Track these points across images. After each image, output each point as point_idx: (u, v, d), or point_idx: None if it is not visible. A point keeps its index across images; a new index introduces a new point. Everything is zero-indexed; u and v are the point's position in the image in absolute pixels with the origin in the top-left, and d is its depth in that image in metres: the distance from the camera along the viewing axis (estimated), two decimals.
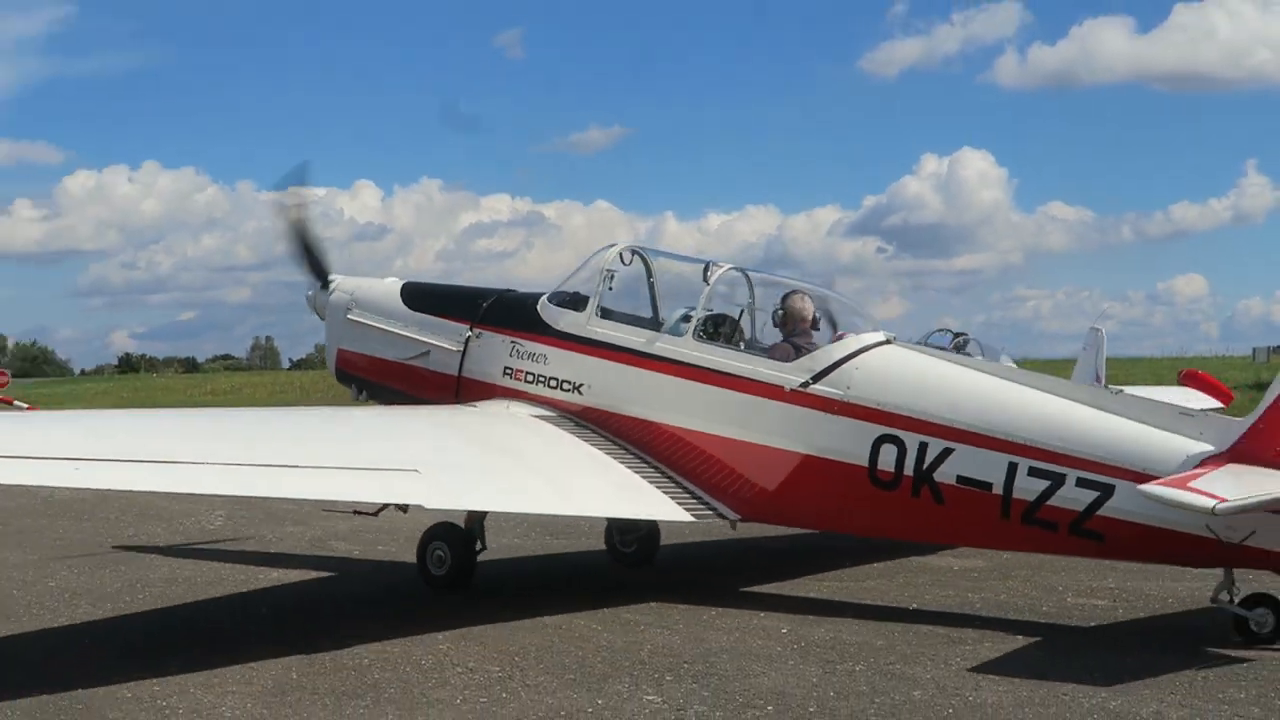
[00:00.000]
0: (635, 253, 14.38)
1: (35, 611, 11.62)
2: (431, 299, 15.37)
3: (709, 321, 13.33)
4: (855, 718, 8.06)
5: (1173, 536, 10.19)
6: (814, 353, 12.55)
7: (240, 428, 13.19)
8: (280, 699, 8.59)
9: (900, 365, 12.44)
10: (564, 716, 8.11)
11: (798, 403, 12.31)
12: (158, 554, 15.57)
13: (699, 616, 11.20)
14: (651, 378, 13.30)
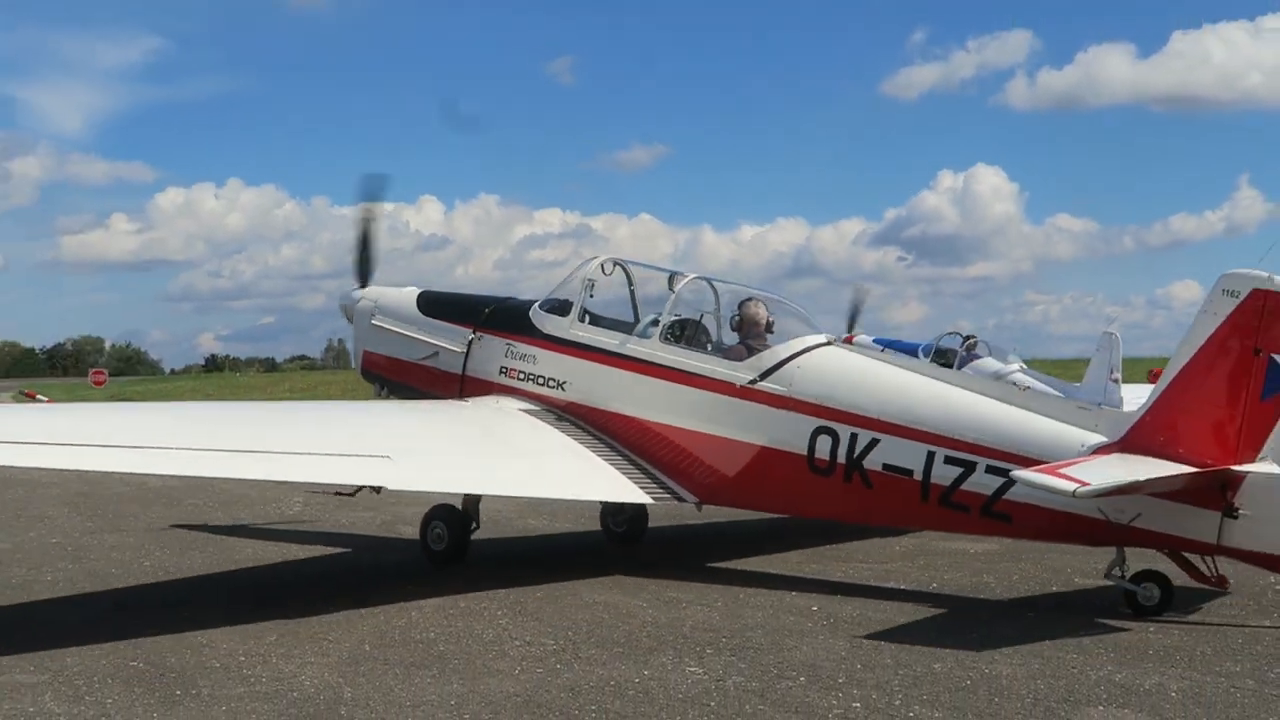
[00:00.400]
0: (615, 264, 14.81)
1: (149, 585, 11.74)
2: (441, 306, 15.81)
3: (675, 325, 13.72)
4: (881, 688, 8.06)
5: (1071, 518, 10.54)
6: (762, 353, 12.90)
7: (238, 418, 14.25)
8: (355, 669, 8.65)
9: (836, 364, 12.82)
10: (614, 687, 8.13)
11: (746, 398, 12.72)
12: (242, 537, 15.68)
13: (735, 595, 11.21)
14: (623, 376, 13.73)
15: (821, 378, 12.48)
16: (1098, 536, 10.74)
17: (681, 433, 13.18)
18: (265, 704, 7.78)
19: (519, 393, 14.34)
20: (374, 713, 7.56)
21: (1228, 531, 10.01)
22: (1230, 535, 10.01)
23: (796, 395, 12.38)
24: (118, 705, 7.79)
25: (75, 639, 9.62)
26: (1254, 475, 9.88)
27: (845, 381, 12.39)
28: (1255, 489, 9.89)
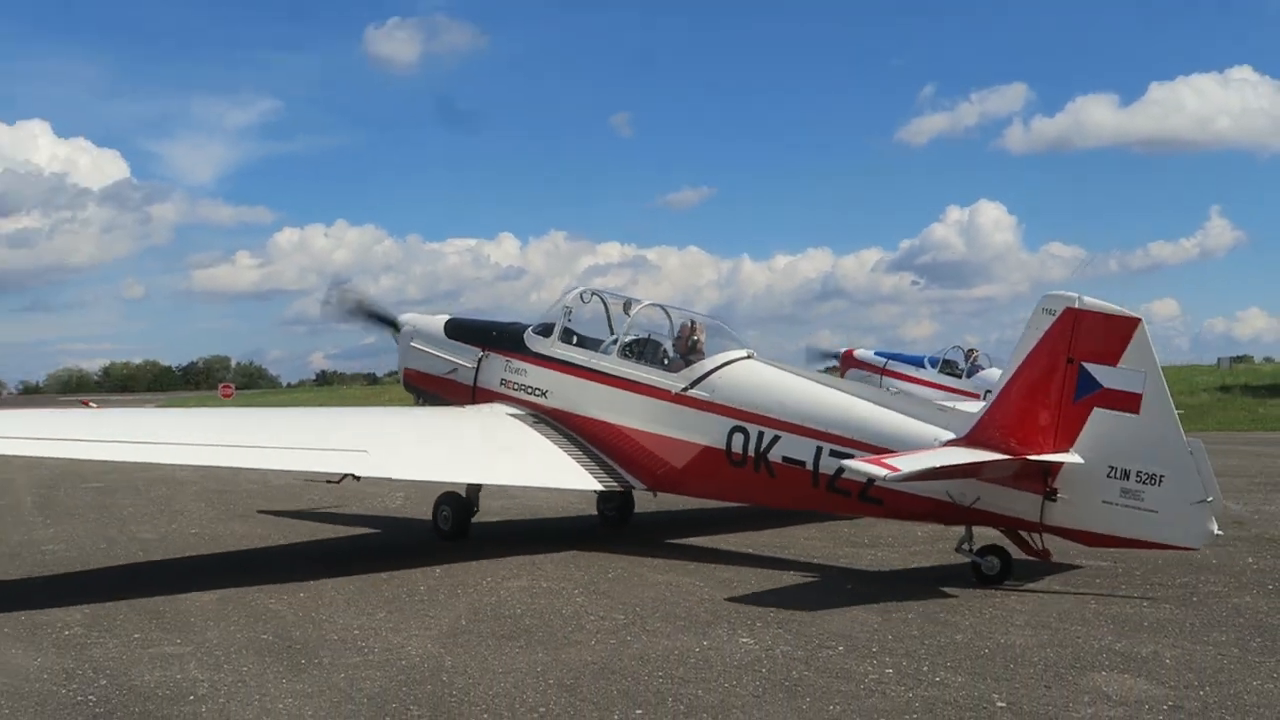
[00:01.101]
0: (593, 293, 15.40)
1: (275, 568, 11.81)
2: (460, 330, 16.34)
3: (632, 344, 14.36)
4: (909, 656, 8.00)
5: (928, 501, 11.01)
6: (694, 365, 13.50)
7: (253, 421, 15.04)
8: (454, 640, 8.66)
9: (748, 374, 13.27)
10: (677, 655, 8.10)
11: (680, 403, 13.35)
12: (354, 526, 15.79)
13: (779, 577, 11.16)
14: (590, 385, 14.34)
15: (736, 385, 13.05)
16: (948, 516, 11.15)
17: (634, 432, 13.82)
18: (378, 671, 7.80)
19: (514, 400, 14.99)
20: (471, 679, 7.56)
21: (1049, 512, 10.45)
22: (1051, 515, 10.46)
23: (717, 400, 13.03)
24: (251, 672, 7.83)
25: (213, 616, 9.71)
26: (1068, 465, 10.22)
27: (755, 388, 12.93)
28: (1069, 476, 10.27)
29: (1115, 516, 10.12)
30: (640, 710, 6.83)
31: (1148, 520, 9.96)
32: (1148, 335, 10.09)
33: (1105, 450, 10.14)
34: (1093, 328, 10.24)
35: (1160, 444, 9.96)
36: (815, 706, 6.86)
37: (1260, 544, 12.82)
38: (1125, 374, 10.08)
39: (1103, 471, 10.13)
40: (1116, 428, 10.10)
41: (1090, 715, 6.62)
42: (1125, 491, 10.03)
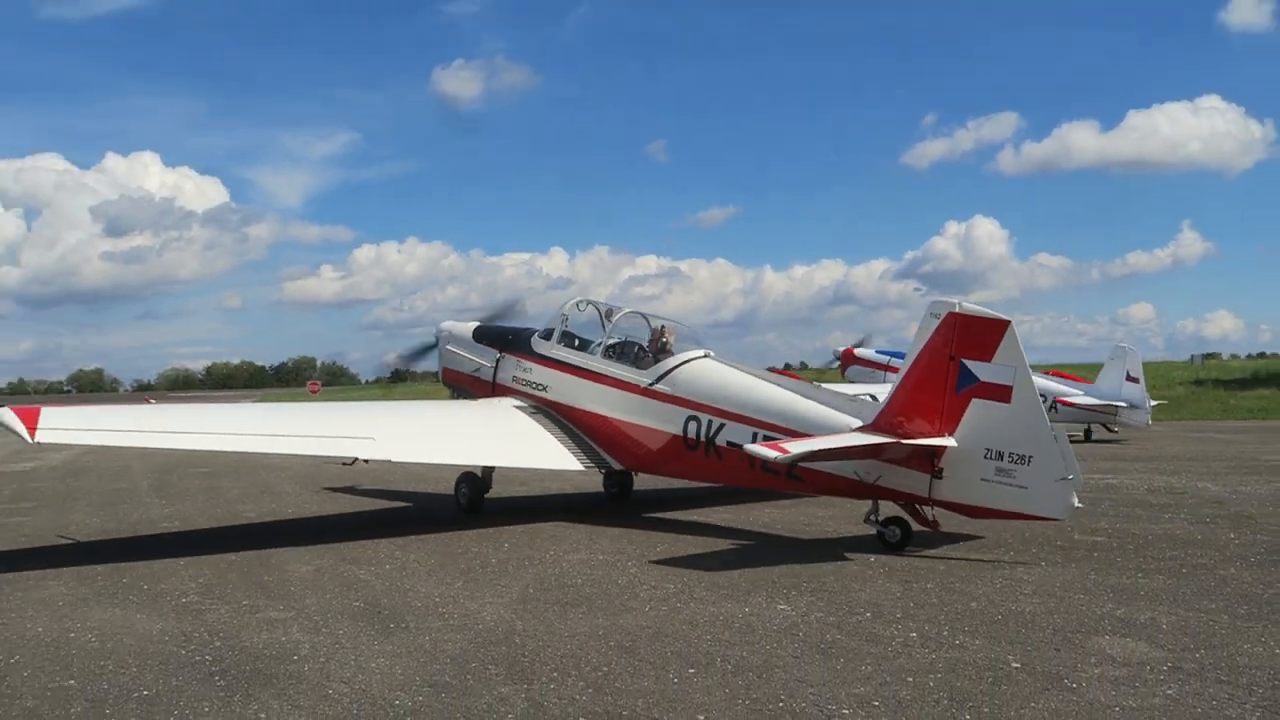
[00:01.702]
0: (588, 302, 15.85)
1: (363, 544, 11.84)
2: (485, 335, 16.87)
3: (613, 345, 14.77)
4: (930, 621, 7.88)
5: (841, 479, 11.37)
6: (660, 363, 13.95)
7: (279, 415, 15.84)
8: (523, 607, 8.62)
9: (702, 371, 13.62)
10: (723, 620, 8.01)
11: (647, 395, 13.83)
12: (426, 503, 15.78)
13: (809, 551, 11.05)
14: (580, 381, 14.79)
15: (691, 380, 13.48)
16: (858, 492, 11.41)
17: (613, 420, 14.24)
18: (457, 634, 7.76)
19: (522, 394, 15.51)
20: (540, 641, 7.51)
21: (936, 488, 10.73)
22: (938, 491, 10.73)
23: (677, 393, 13.48)
24: (347, 635, 7.82)
25: (311, 586, 9.70)
26: (951, 448, 10.50)
27: (706, 383, 13.34)
28: (951, 457, 10.55)
29: (992, 492, 10.40)
30: (692, 670, 6.75)
31: (1019, 495, 10.26)
32: (1017, 336, 10.32)
33: (982, 435, 10.41)
34: (970, 329, 10.51)
35: (1028, 429, 10.22)
36: (849, 667, 6.76)
37: (1240, 521, 12.59)
38: (998, 369, 10.37)
39: (980, 453, 10.40)
40: (991, 415, 10.37)
41: (1097, 675, 6.49)
42: (1000, 470, 10.32)
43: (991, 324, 10.39)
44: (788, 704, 6.05)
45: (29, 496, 18.36)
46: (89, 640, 7.85)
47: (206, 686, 6.62)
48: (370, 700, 6.27)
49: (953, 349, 10.54)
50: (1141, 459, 21.54)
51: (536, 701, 6.18)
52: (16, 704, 6.37)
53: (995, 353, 10.36)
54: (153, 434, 12.57)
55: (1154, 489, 16.08)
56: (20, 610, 8.93)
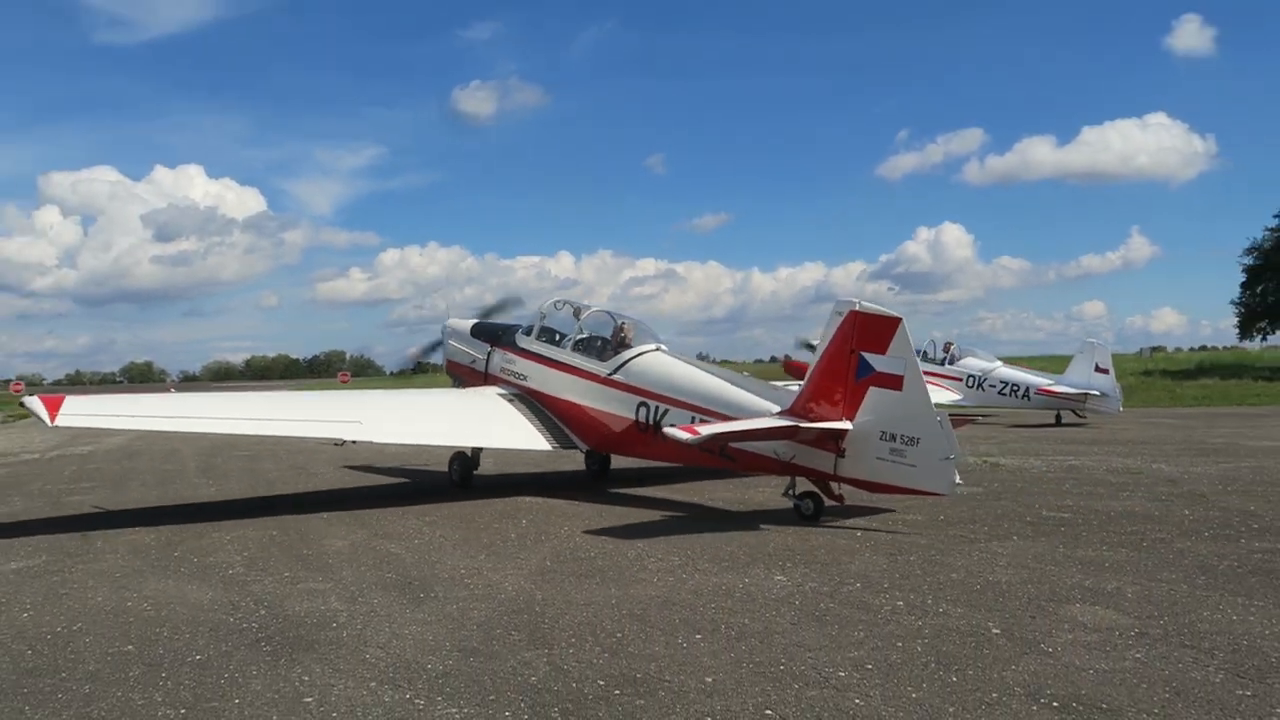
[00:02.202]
0: (565, 302, 16.14)
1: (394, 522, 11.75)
2: (480, 330, 17.16)
3: (581, 340, 15.05)
4: (915, 591, 7.80)
5: (764, 458, 11.69)
6: (618, 355, 14.25)
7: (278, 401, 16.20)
8: (542, 578, 8.53)
9: (652, 362, 13.95)
10: (725, 590, 7.93)
11: (606, 384, 14.18)
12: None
13: (801, 528, 10.92)
14: (551, 371, 15.16)
15: (643, 371, 13.82)
16: (778, 469, 11.69)
17: (578, 406, 14.55)
18: (482, 603, 7.68)
19: (508, 383, 15.88)
20: (558, 609, 7.43)
21: (840, 466, 11.02)
22: (842, 468, 11.03)
23: (630, 382, 13.85)
24: (381, 604, 7.74)
25: (347, 559, 9.62)
26: (852, 431, 10.81)
27: (654, 373, 13.68)
28: (852, 438, 10.84)
29: (887, 469, 10.66)
30: (699, 636, 6.68)
31: (909, 472, 10.50)
32: (907, 332, 10.60)
33: (878, 419, 10.68)
34: (868, 326, 10.79)
35: (917, 414, 10.48)
36: (843, 632, 6.68)
37: (1193, 499, 12.49)
38: (891, 361, 10.65)
39: (877, 435, 10.68)
40: (886, 402, 10.64)
41: (1071, 640, 6.41)
42: (893, 450, 10.58)
43: (886, 321, 10.70)
44: (788, 667, 5.97)
45: (88, 477, 18.27)
46: (145, 609, 7.77)
47: (254, 652, 6.54)
48: (405, 664, 6.19)
49: (854, 343, 10.85)
50: (1100, 442, 21.44)
51: (557, 665, 6.10)
52: (80, 667, 6.30)
53: (889, 346, 10.67)
54: (161, 419, 13.21)
55: (1113, 469, 15.98)
56: (82, 581, 8.86)
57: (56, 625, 7.34)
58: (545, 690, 5.66)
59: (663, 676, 5.85)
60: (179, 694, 5.74)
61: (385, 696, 5.63)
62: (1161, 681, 5.61)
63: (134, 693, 5.78)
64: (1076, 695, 5.41)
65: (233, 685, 5.87)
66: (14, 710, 5.55)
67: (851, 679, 5.74)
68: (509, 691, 5.66)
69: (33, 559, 10.00)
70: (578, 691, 5.63)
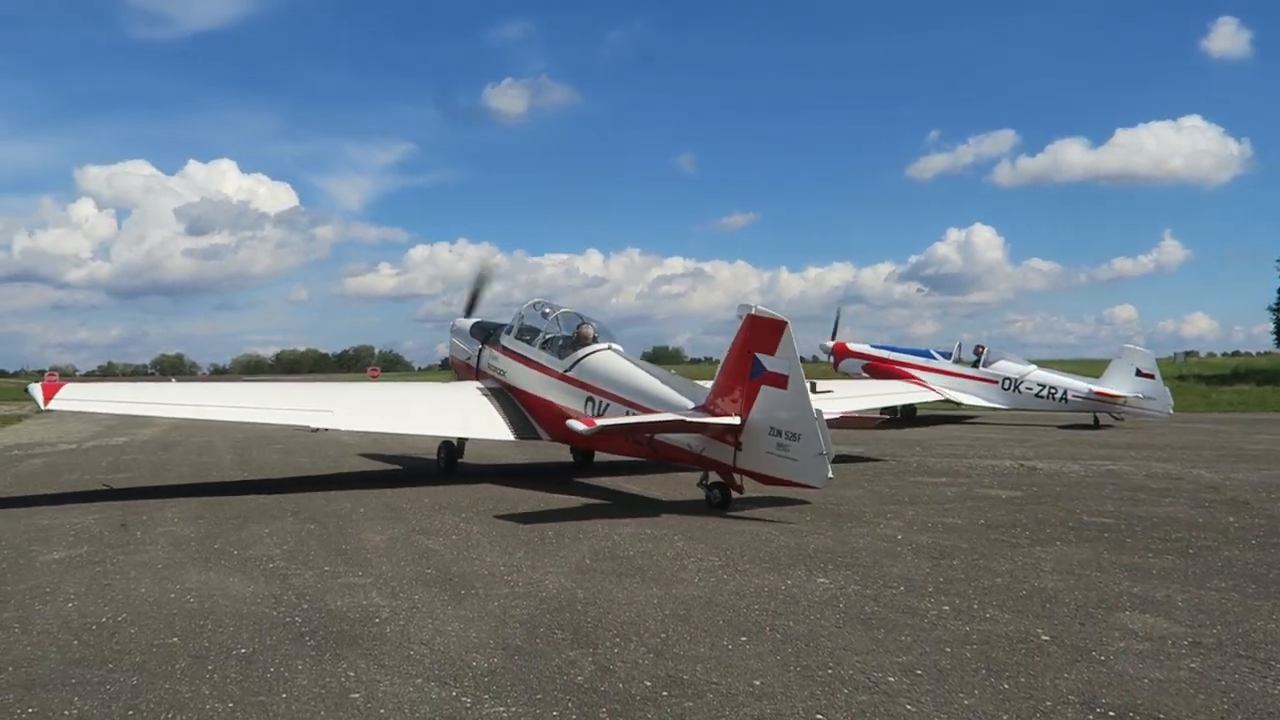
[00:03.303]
0: (541, 303, 17.20)
1: (431, 517, 11.75)
2: (477, 328, 18.50)
3: (549, 339, 16.10)
4: (960, 595, 7.71)
5: (681, 450, 12.53)
6: (574, 354, 15.28)
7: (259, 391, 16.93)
8: (581, 576, 8.49)
9: (599, 360, 14.95)
10: (767, 592, 7.87)
11: (562, 380, 15.27)
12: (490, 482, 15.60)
13: (840, 528, 10.85)
14: (522, 367, 16.38)
15: (592, 369, 14.85)
16: (691, 460, 12.52)
17: (541, 399, 15.67)
18: (523, 600, 7.65)
19: (492, 378, 17.18)
20: (600, 608, 7.39)
21: (738, 459, 11.75)
22: (739, 461, 11.75)
23: (581, 377, 14.92)
24: (423, 599, 7.73)
25: (386, 554, 9.61)
26: (748, 426, 11.57)
27: (601, 370, 14.70)
28: (747, 433, 11.59)
29: (774, 463, 11.39)
30: (744, 638, 6.62)
31: (792, 466, 11.20)
32: (792, 335, 11.26)
33: (768, 415, 11.39)
34: (761, 328, 11.41)
35: (799, 412, 11.12)
36: (890, 637, 6.60)
37: (1236, 506, 12.32)
38: (779, 361, 11.31)
39: (767, 430, 11.40)
40: (775, 400, 11.33)
41: (1123, 649, 6.31)
42: (780, 445, 11.28)
43: (775, 324, 11.33)
44: (836, 671, 5.91)
45: (124, 468, 18.40)
46: (188, 601, 7.79)
47: (298, 646, 6.54)
48: (450, 661, 6.17)
49: (750, 344, 11.53)
50: (1136, 446, 21.21)
51: (603, 665, 6.06)
52: (127, 659, 6.31)
53: (778, 347, 11.32)
54: (151, 405, 14.72)
55: (1152, 474, 15.79)
56: (124, 572, 8.89)
57: (101, 616, 7.37)
58: (592, 690, 5.63)
59: (710, 678, 5.80)
60: (226, 687, 5.74)
61: (432, 694, 5.60)
62: (1219, 692, 5.51)
63: (181, 685, 5.79)
64: (1132, 705, 5.32)
65: (279, 680, 5.87)
66: (63, 701, 5.56)
67: (901, 684, 5.66)
68: (556, 691, 5.63)
69: (75, 549, 10.06)
70: (625, 692, 5.59)
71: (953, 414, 32.52)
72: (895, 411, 30.33)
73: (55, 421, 35.00)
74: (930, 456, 19.13)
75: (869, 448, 20.79)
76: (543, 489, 14.34)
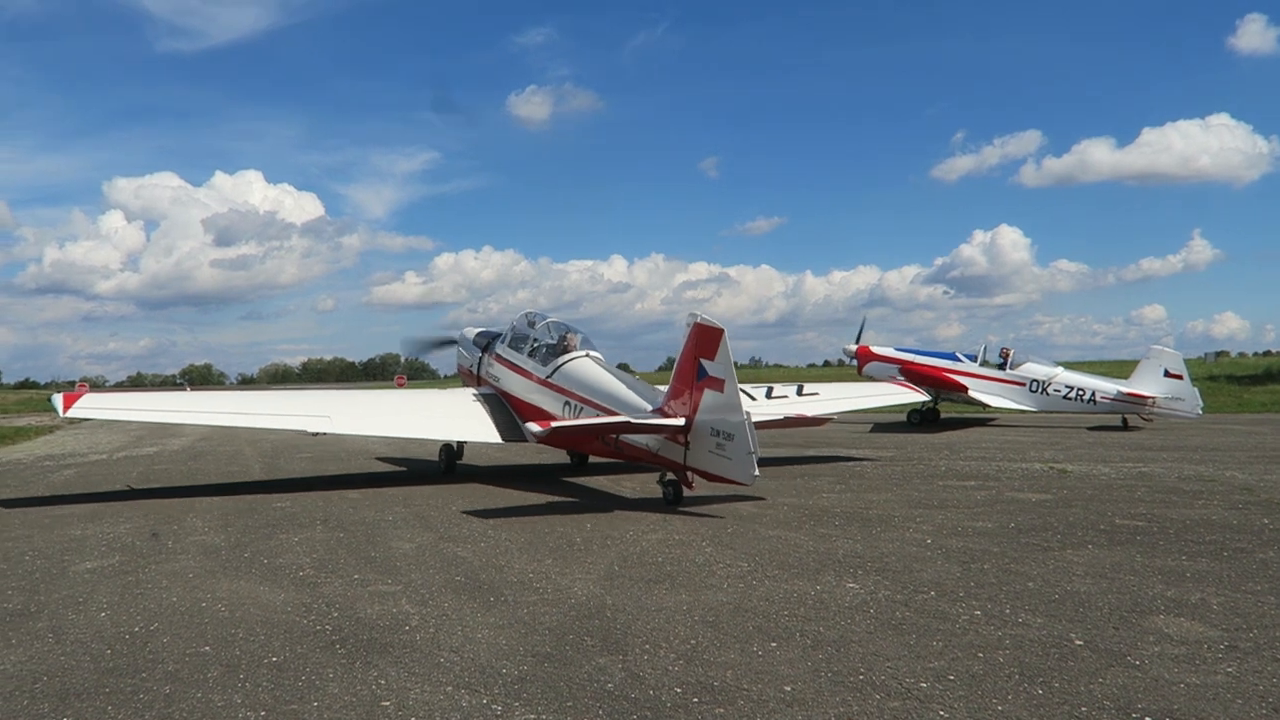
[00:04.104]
0: (532, 314, 18.06)
1: (459, 524, 11.77)
2: (480, 337, 19.54)
3: (536, 347, 17.13)
4: (992, 600, 7.65)
5: (642, 450, 13.39)
6: (554, 360, 16.34)
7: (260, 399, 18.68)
8: (610, 582, 8.48)
9: (575, 366, 15.97)
10: (796, 597, 7.83)
11: (544, 385, 16.33)
12: (515, 488, 15.64)
13: (869, 532, 10.80)
14: (512, 374, 17.45)
15: (568, 374, 15.90)
16: (650, 459, 13.35)
17: (527, 403, 16.63)
18: (552, 607, 7.65)
19: (489, 384, 18.30)
20: (629, 615, 7.38)
21: (688, 457, 12.61)
22: (688, 459, 12.60)
23: (559, 383, 15.97)
24: (452, 606, 7.74)
25: (414, 562, 9.63)
26: (695, 426, 12.42)
27: (576, 376, 15.74)
28: (693, 433, 12.46)
29: (714, 461, 12.19)
30: (774, 643, 6.59)
31: (727, 464, 11.99)
32: (727, 342, 11.98)
33: (710, 416, 12.19)
34: (703, 335, 12.19)
35: (733, 413, 11.89)
36: (921, 642, 6.56)
37: (1271, 508, 12.18)
38: (718, 366, 12.05)
39: (709, 430, 12.24)
40: (715, 401, 12.11)
41: (1158, 653, 6.24)
42: (719, 444, 12.07)
43: (715, 331, 12.07)
44: (868, 677, 5.87)
45: (155, 478, 18.53)
46: (219, 609, 7.84)
47: (329, 654, 6.56)
48: (480, 669, 6.17)
49: (696, 350, 12.32)
50: (1168, 448, 21.00)
51: (633, 671, 6.05)
52: (159, 668, 6.35)
53: (717, 353, 12.07)
54: (161, 412, 16.07)
55: (1184, 476, 15.63)
56: (155, 581, 8.95)
57: (134, 625, 7.42)
58: (622, 697, 5.62)
59: (740, 685, 5.78)
60: (258, 696, 5.77)
61: (463, 701, 5.61)
62: (1257, 697, 5.44)
63: (214, 694, 5.82)
64: (1169, 710, 5.26)
65: (310, 688, 5.89)
66: (97, 710, 5.60)
67: (934, 690, 5.62)
68: (586, 698, 5.62)
69: (107, 559, 10.14)
70: (655, 699, 5.58)
71: (980, 416, 32.33)
72: (916, 416, 30.30)
73: (87, 432, 35.33)
74: (959, 460, 19.02)
75: (881, 449, 20.71)
76: (570, 496, 14.36)
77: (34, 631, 7.32)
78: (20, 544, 11.15)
